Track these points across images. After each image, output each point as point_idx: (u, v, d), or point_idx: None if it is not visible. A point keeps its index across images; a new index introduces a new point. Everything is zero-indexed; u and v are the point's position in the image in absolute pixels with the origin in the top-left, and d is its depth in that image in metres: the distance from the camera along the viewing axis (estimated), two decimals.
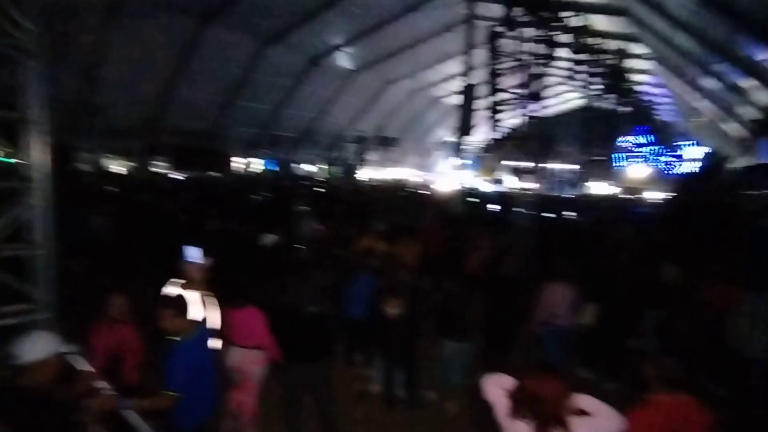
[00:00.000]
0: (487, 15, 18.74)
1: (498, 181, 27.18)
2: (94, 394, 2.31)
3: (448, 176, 25.73)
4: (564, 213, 11.86)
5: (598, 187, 28.39)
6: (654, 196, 22.87)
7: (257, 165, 31.09)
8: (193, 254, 3.38)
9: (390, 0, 20.22)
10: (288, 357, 3.63)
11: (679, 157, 32.58)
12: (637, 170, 31.48)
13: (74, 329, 3.91)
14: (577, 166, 28.42)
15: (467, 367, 4.37)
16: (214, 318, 3.45)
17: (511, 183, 26.25)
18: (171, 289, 3.72)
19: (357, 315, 4.74)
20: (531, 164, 10.15)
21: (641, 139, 33.76)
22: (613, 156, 29.19)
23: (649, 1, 12.89)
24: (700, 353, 5.25)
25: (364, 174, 30.90)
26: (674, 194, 13.84)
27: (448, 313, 4.34)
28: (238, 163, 29.31)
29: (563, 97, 33.58)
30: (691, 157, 29.92)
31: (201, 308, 3.39)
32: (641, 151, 35.18)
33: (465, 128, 11.82)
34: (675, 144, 31.45)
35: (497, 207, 12.49)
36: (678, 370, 2.27)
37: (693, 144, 29.47)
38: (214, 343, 3.26)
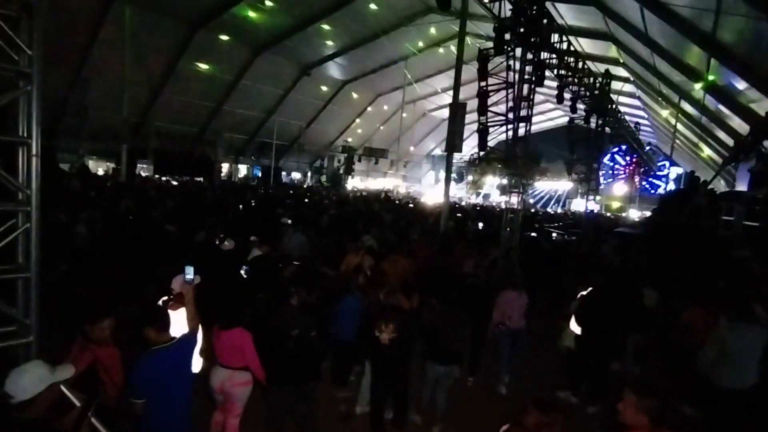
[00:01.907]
0: (478, 33, 19.15)
1: (485, 197, 27.54)
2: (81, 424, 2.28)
3: (435, 190, 25.96)
4: (549, 231, 12.07)
5: (581, 204, 28.91)
6: (635, 214, 23.41)
7: (244, 171, 30.92)
8: (185, 273, 3.34)
9: (382, 14, 20.45)
10: (272, 380, 3.61)
11: (659, 177, 33.58)
12: (618, 188, 32.28)
13: (52, 344, 3.86)
14: (561, 183, 28.94)
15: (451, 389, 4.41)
16: (197, 336, 3.39)
17: (496, 198, 26.59)
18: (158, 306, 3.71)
19: (345, 335, 4.72)
20: (517, 180, 10.28)
21: (623, 159, 34.65)
22: (596, 174, 29.85)
23: (631, 28, 13.34)
24: (676, 377, 5.40)
25: (351, 184, 30.97)
26: (653, 215, 14.18)
27: (435, 334, 4.35)
28: (224, 168, 29.14)
29: (549, 114, 34.26)
30: (671, 177, 30.91)
31: (184, 326, 3.36)
32: (623, 170, 36.12)
33: (453, 144, 11.95)
34: (656, 164, 32.40)
35: (482, 224, 12.64)
36: (654, 407, 2.32)
37: (673, 165, 30.44)
38: (192, 360, 3.18)
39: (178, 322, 3.40)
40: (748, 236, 8.08)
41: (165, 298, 3.85)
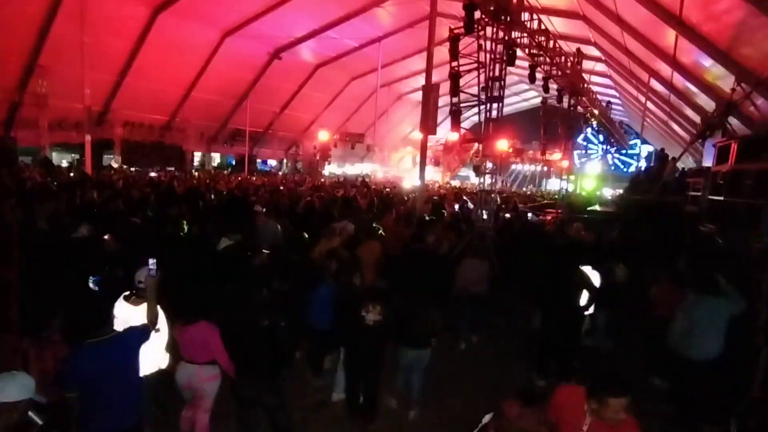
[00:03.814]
0: (450, 13, 18.90)
1: (460, 179, 27.65)
2: None
3: (411, 173, 25.92)
4: (525, 211, 12.18)
5: (556, 184, 29.40)
6: (608, 192, 23.91)
7: (218, 160, 30.19)
8: (149, 266, 3.18)
9: None
10: (241, 372, 3.52)
11: (631, 155, 34.39)
12: (592, 167, 32.90)
13: (6, 344, 3.67)
14: (536, 164, 29.30)
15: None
16: (150, 331, 3.22)
17: (473, 180, 26.64)
18: (119, 303, 3.56)
19: (319, 324, 4.65)
20: (492, 162, 10.32)
21: (596, 138, 35.26)
22: (571, 153, 30.34)
23: (602, 7, 13.38)
24: (645, 350, 5.54)
25: (327, 170, 30.63)
26: (624, 193, 14.50)
27: (408, 318, 4.31)
28: (197, 157, 28.37)
29: (524, 95, 34.43)
30: (642, 155, 31.69)
31: (137, 319, 3.22)
32: (596, 149, 36.80)
33: (428, 126, 11.85)
34: (628, 142, 33.09)
35: (458, 206, 12.67)
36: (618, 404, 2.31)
37: (645, 143, 31.17)
38: (137, 355, 3.01)
39: (140, 317, 3.27)
40: (712, 210, 8.30)
41: (127, 292, 3.71)
